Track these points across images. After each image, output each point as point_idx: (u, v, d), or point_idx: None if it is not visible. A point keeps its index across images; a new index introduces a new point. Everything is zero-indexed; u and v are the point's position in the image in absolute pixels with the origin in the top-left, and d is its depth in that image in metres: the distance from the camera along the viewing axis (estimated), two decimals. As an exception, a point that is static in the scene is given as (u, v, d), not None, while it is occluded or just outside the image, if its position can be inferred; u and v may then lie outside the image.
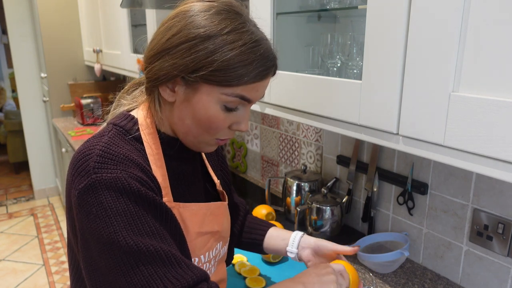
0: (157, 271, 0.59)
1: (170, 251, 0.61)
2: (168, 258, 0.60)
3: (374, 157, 1.25)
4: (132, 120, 0.72)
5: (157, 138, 0.71)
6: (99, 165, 0.61)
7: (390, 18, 0.71)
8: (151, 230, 0.61)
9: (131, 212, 0.60)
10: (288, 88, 1.02)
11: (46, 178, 3.91)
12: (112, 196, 0.59)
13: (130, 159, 0.64)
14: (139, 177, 0.63)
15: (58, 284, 2.58)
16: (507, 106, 0.56)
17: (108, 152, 0.63)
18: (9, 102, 5.68)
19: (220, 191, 0.88)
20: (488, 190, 0.97)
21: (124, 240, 0.58)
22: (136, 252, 0.58)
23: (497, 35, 0.56)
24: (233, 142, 2.07)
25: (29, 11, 3.58)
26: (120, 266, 0.58)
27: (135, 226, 0.59)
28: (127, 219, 0.59)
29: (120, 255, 0.58)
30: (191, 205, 0.74)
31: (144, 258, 0.58)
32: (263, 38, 0.67)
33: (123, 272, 0.58)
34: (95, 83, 3.25)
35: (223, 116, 0.67)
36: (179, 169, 0.76)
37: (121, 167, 0.62)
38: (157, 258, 0.59)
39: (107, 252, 0.58)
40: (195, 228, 0.74)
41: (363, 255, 1.10)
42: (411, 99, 0.70)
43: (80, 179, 0.61)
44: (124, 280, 0.58)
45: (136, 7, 1.82)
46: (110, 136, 0.67)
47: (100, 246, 0.59)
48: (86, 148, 0.64)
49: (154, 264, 0.59)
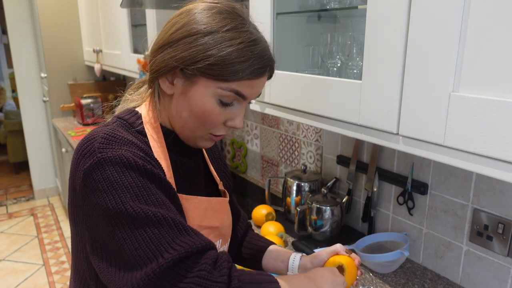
0: (164, 235, 0.59)
1: (177, 219, 0.62)
2: (176, 225, 0.61)
3: (374, 157, 1.25)
4: (136, 114, 0.74)
5: (161, 132, 0.74)
6: (103, 145, 0.63)
7: (390, 18, 0.71)
8: (157, 200, 0.62)
9: (137, 184, 0.61)
10: (288, 88, 1.02)
11: (46, 178, 3.91)
12: (117, 170, 0.61)
13: (134, 142, 0.67)
14: (142, 156, 0.65)
15: (58, 284, 2.58)
16: (507, 106, 0.56)
17: (112, 135, 0.66)
18: (9, 102, 5.68)
19: (222, 190, 0.89)
20: (488, 190, 0.97)
21: (131, 208, 0.59)
22: (144, 219, 0.59)
23: (497, 35, 0.56)
24: (233, 142, 2.07)
25: (29, 11, 3.58)
26: (127, 234, 0.59)
27: (142, 197, 0.61)
28: (134, 190, 0.61)
29: (127, 223, 0.59)
30: (194, 198, 0.75)
31: (151, 223, 0.59)
32: (262, 39, 0.69)
33: (131, 239, 0.58)
34: (95, 83, 3.25)
35: (218, 110, 0.69)
36: (182, 164, 0.77)
37: (125, 147, 0.64)
38: (165, 224, 0.60)
39: (115, 224, 0.59)
40: (196, 221, 0.75)
41: (363, 255, 1.10)
42: (411, 99, 0.70)
43: (85, 160, 0.63)
44: (132, 247, 0.58)
45: (136, 7, 1.82)
46: (113, 126, 0.70)
47: (107, 220, 0.60)
48: (90, 135, 0.67)
49: (161, 229, 0.59)
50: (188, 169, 0.79)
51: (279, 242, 1.18)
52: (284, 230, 1.29)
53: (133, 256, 0.58)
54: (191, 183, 0.79)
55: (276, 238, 1.20)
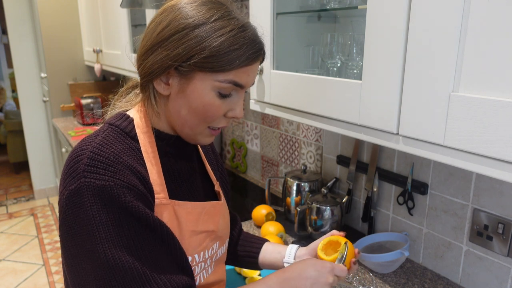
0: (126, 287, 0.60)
1: (144, 270, 0.62)
2: (139, 277, 0.61)
3: (374, 157, 1.25)
4: (127, 119, 0.73)
5: (152, 136, 0.73)
6: (89, 168, 0.62)
7: (390, 18, 0.71)
8: (129, 245, 0.61)
9: (113, 225, 0.61)
10: (288, 88, 1.02)
11: (46, 178, 3.91)
12: (97, 204, 0.60)
13: (121, 161, 0.65)
14: (128, 183, 0.63)
15: (58, 284, 2.58)
16: (507, 106, 0.56)
17: (99, 154, 0.63)
18: (9, 102, 5.68)
19: (218, 191, 0.88)
20: (488, 190, 0.97)
21: (103, 251, 0.59)
22: (112, 266, 0.60)
23: (497, 35, 0.56)
24: (233, 142, 2.07)
25: (29, 11, 3.58)
26: (95, 275, 0.60)
27: (115, 239, 0.60)
28: (109, 230, 0.60)
29: (97, 264, 0.60)
30: (186, 204, 0.74)
31: (119, 273, 0.60)
32: (249, 24, 0.70)
33: (97, 279, 0.60)
34: (95, 83, 3.25)
35: (218, 102, 0.68)
36: (175, 167, 0.76)
37: (110, 173, 0.62)
38: (130, 275, 0.60)
39: (86, 258, 0.60)
40: (190, 227, 0.74)
41: (363, 255, 1.10)
42: (411, 99, 0.70)
43: (70, 180, 0.62)
44: (95, 286, 0.60)
45: (136, 7, 1.82)
46: (104, 136, 0.68)
47: (80, 250, 0.61)
48: (79, 148, 0.65)
49: (127, 280, 0.60)
50: (182, 172, 0.78)
51: (279, 242, 1.18)
52: (284, 230, 1.29)
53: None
54: (186, 186, 0.78)
55: (276, 238, 1.20)
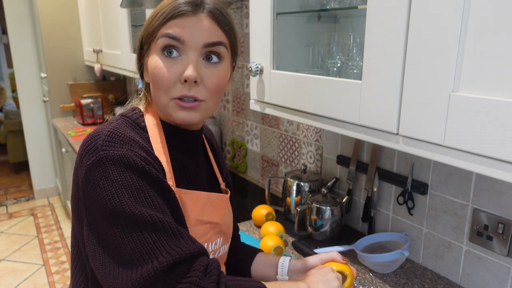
0: (160, 239, 0.60)
1: (173, 223, 0.63)
2: (171, 229, 0.62)
3: (374, 157, 1.25)
4: (139, 112, 0.77)
5: (161, 128, 0.75)
6: (106, 143, 0.64)
7: (390, 18, 0.71)
8: (154, 204, 0.63)
9: (136, 186, 0.62)
10: (288, 88, 1.02)
11: (46, 178, 3.91)
12: (118, 170, 0.62)
13: (136, 141, 0.68)
14: (143, 157, 0.66)
15: (58, 284, 2.58)
16: (507, 106, 0.56)
17: (116, 133, 0.67)
18: (9, 102, 5.68)
19: (224, 189, 0.89)
20: (488, 190, 0.97)
21: (129, 209, 0.60)
22: (141, 221, 0.60)
23: (497, 35, 0.56)
24: (233, 142, 2.07)
25: (29, 11, 3.58)
26: (125, 233, 0.60)
27: (140, 199, 0.62)
28: (132, 191, 0.62)
29: (125, 223, 0.60)
30: (193, 192, 0.76)
31: (148, 226, 0.60)
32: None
33: (128, 239, 0.60)
34: (95, 83, 3.25)
35: (163, 64, 0.70)
36: (182, 161, 0.78)
37: (127, 146, 0.66)
38: (161, 227, 0.61)
39: (113, 222, 0.60)
40: (195, 215, 0.75)
41: (363, 255, 1.10)
42: (411, 99, 0.70)
43: (88, 156, 0.64)
44: (129, 246, 0.59)
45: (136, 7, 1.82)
46: (117, 123, 0.72)
47: (106, 217, 0.61)
48: (95, 132, 0.69)
49: (158, 232, 0.61)
50: (188, 167, 0.79)
51: (279, 242, 1.18)
52: (284, 230, 1.29)
53: (129, 256, 0.59)
54: (191, 179, 0.80)
55: (276, 238, 1.20)
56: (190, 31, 0.69)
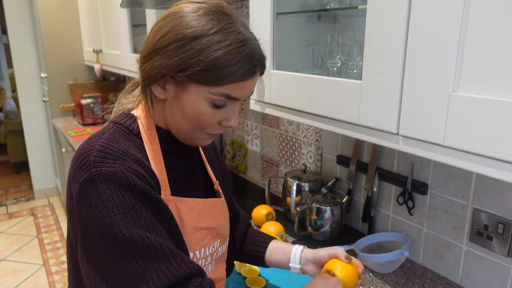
0: (151, 263, 0.61)
1: (165, 244, 0.63)
2: (163, 251, 0.62)
3: (374, 157, 1.25)
4: (132, 118, 0.74)
5: (155, 134, 0.74)
6: (99, 159, 0.63)
7: (390, 18, 0.71)
8: (146, 223, 0.63)
9: (128, 205, 0.62)
10: (288, 88, 1.02)
11: (46, 178, 3.91)
12: (110, 188, 0.62)
13: (129, 154, 0.67)
14: (137, 171, 0.65)
15: (58, 284, 2.58)
16: (507, 106, 0.56)
17: (108, 148, 0.66)
18: (9, 102, 5.68)
19: (217, 190, 0.88)
20: (488, 190, 0.97)
21: (120, 231, 0.60)
22: (132, 244, 0.60)
23: (497, 35, 0.56)
24: (233, 142, 2.07)
25: (29, 11, 3.58)
26: (117, 256, 0.60)
27: (132, 218, 0.61)
28: (124, 211, 0.61)
29: (116, 245, 0.60)
30: (188, 200, 0.76)
31: (140, 249, 0.61)
32: (251, 38, 0.68)
33: (119, 262, 0.60)
34: (95, 83, 3.25)
35: (211, 112, 0.68)
36: (177, 165, 0.77)
37: (120, 162, 0.64)
38: (152, 250, 0.61)
39: (105, 242, 0.61)
40: (191, 223, 0.75)
41: (363, 255, 1.10)
42: (411, 99, 0.70)
43: (81, 173, 0.63)
44: (120, 269, 0.60)
45: (136, 7, 1.82)
46: (110, 133, 0.70)
47: (98, 236, 0.61)
48: (87, 145, 0.67)
49: (149, 256, 0.61)
50: (183, 171, 0.79)
51: (279, 242, 1.18)
52: (284, 230, 1.29)
53: (120, 279, 0.60)
54: (187, 185, 0.79)
55: (276, 238, 1.20)
56: (247, 92, 0.70)
